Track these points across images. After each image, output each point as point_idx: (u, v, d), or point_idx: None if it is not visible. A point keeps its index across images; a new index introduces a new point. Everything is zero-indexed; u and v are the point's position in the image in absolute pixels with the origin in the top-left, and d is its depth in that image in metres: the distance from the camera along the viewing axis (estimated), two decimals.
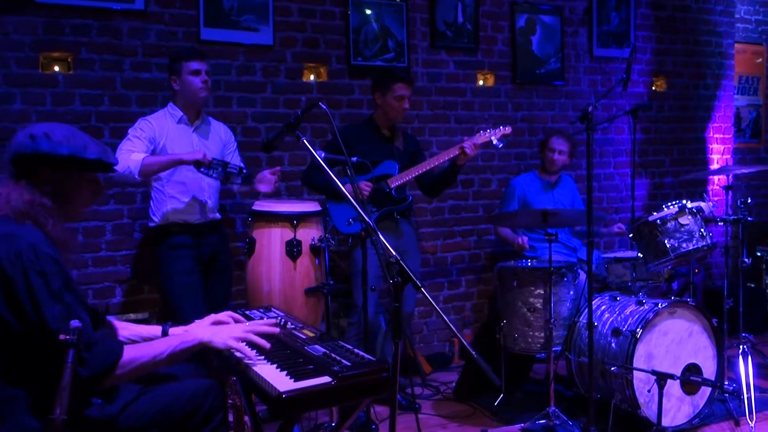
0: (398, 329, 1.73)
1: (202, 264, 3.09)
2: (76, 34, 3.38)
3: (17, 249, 1.53)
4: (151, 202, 3.11)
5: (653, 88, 5.05)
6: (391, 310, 3.12)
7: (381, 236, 1.76)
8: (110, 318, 2.10)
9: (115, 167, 1.85)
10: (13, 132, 3.27)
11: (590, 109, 2.71)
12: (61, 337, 1.25)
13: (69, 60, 3.39)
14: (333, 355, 1.81)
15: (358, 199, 1.99)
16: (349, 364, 1.73)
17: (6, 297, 1.52)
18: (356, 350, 1.85)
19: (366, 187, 3.08)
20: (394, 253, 1.72)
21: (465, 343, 1.64)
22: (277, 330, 1.97)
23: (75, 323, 1.28)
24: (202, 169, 2.83)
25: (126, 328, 2.05)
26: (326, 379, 1.66)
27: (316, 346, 1.90)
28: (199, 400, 1.84)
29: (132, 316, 3.40)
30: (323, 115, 3.90)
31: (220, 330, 1.86)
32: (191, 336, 1.80)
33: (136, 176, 2.87)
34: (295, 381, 1.65)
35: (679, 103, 5.19)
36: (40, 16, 3.30)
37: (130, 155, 2.87)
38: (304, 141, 1.98)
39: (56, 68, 3.36)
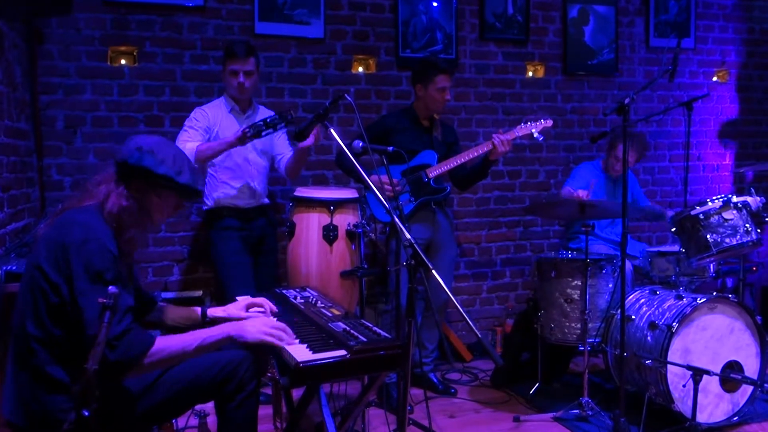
0: (411, 309, 1.82)
1: (250, 245, 3.28)
2: (140, 29, 3.63)
3: (85, 238, 1.70)
4: (205, 186, 3.31)
5: (714, 78, 4.89)
6: (425, 297, 3.23)
7: (398, 220, 1.85)
8: (159, 300, 2.26)
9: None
10: (83, 120, 3.59)
11: (626, 101, 2.70)
12: (99, 299, 1.41)
13: (134, 53, 3.64)
14: (352, 331, 1.93)
15: (382, 189, 2.08)
16: (365, 340, 1.85)
17: (62, 274, 1.70)
18: (375, 328, 1.96)
19: (389, 188, 3.10)
20: (409, 236, 1.81)
21: (471, 322, 1.72)
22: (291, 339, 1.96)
23: (112, 289, 1.43)
24: (248, 133, 2.80)
25: (171, 311, 2.21)
26: (342, 352, 1.79)
27: (339, 323, 2.02)
28: (232, 369, 1.98)
29: (187, 293, 3.65)
30: (373, 106, 4.09)
31: (250, 325, 1.92)
32: (220, 330, 1.87)
33: (193, 164, 3.09)
34: (313, 353, 1.78)
35: (743, 95, 5.00)
36: (108, 12, 3.57)
37: (186, 145, 3.08)
38: (332, 131, 2.10)
39: (122, 61, 3.62)
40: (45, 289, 1.70)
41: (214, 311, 2.21)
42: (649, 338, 3.04)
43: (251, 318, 2.11)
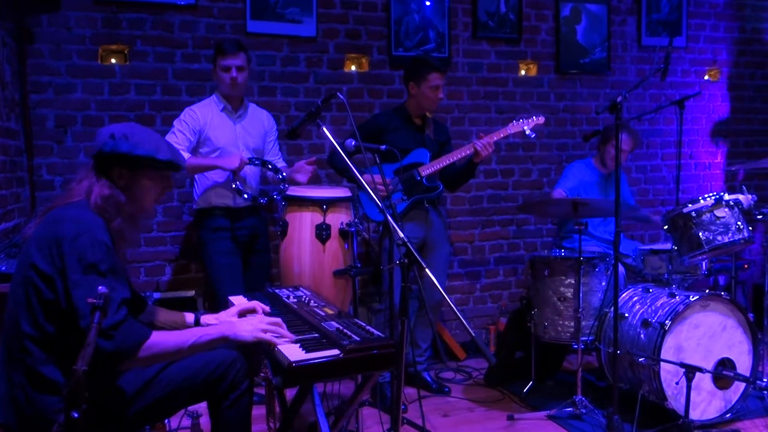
0: (404, 308, 1.82)
1: (242, 246, 3.27)
2: (131, 27, 3.61)
3: (77, 232, 1.69)
4: (195, 186, 3.30)
5: (706, 77, 4.91)
6: (419, 296, 3.23)
7: (391, 219, 1.84)
8: (150, 303, 2.25)
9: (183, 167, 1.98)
10: (73, 119, 3.56)
11: (619, 99, 2.70)
12: (89, 300, 1.40)
13: (125, 52, 3.62)
14: (346, 330, 1.92)
15: (375, 188, 2.08)
16: (358, 339, 1.84)
17: (56, 268, 1.69)
18: (368, 327, 1.95)
19: (381, 186, 3.10)
20: (402, 235, 1.81)
21: (464, 321, 1.71)
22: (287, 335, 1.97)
23: (102, 288, 1.41)
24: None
25: (162, 314, 2.20)
26: (335, 351, 1.78)
27: (332, 323, 2.01)
28: (225, 368, 1.98)
29: (179, 293, 3.63)
30: (365, 104, 4.08)
31: (245, 324, 1.91)
32: (216, 330, 1.87)
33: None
34: (306, 352, 1.77)
35: (734, 94, 5.02)
36: (99, 11, 3.54)
37: None
38: (324, 130, 2.09)
39: (113, 60, 3.60)
40: (39, 285, 1.69)
41: (206, 319, 2.20)
42: (642, 336, 3.04)
43: (248, 319, 2.09)
